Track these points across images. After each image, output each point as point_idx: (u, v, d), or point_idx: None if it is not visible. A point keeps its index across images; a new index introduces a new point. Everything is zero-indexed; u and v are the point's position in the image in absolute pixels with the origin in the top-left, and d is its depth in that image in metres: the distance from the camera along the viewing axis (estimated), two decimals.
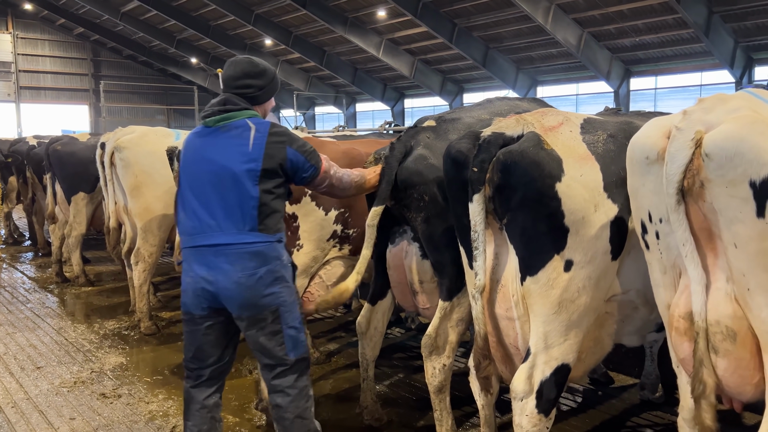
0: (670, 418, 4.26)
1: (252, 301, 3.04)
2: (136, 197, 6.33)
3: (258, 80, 3.20)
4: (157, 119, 37.62)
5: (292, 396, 3.15)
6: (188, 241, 3.13)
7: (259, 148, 3.03)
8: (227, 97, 3.15)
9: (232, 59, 3.27)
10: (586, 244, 2.70)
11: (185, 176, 3.16)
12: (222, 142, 3.07)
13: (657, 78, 23.54)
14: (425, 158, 3.41)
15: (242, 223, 3.01)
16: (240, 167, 3.01)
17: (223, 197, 3.02)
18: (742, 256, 2.13)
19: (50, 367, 5.39)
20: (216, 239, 3.03)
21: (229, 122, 3.10)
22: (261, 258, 3.04)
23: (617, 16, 20.41)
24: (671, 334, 2.43)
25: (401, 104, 32.11)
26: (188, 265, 3.14)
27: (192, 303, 3.15)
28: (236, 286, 3.02)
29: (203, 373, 3.23)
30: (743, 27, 19.25)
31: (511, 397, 2.83)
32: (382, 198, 3.43)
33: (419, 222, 3.46)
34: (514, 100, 3.94)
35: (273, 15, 26.87)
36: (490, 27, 23.30)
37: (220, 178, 3.03)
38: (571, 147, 2.76)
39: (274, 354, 3.12)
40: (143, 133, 6.54)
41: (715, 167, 2.11)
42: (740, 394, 2.32)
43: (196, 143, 3.17)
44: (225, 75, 3.22)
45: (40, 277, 8.99)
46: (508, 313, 2.89)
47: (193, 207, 3.09)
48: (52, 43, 36.48)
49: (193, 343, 3.21)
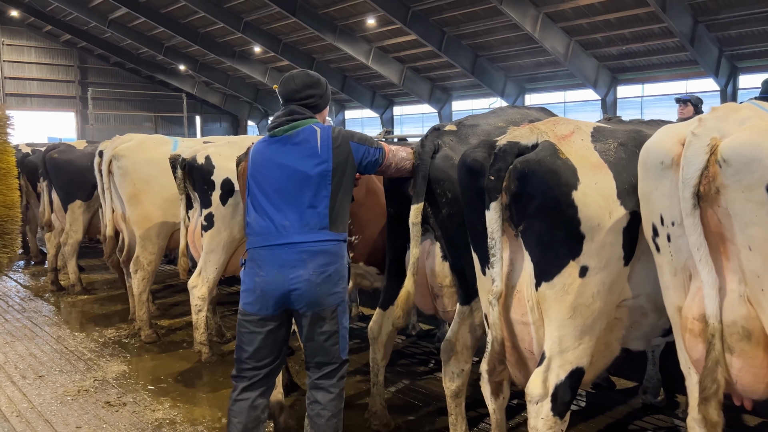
0: (672, 421, 4.34)
1: (319, 299, 3.17)
2: (135, 205, 6.33)
3: (317, 89, 3.43)
4: (145, 126, 37.41)
5: (333, 395, 3.30)
6: (259, 241, 3.24)
7: (326, 149, 3.24)
8: (291, 108, 3.36)
9: (289, 74, 3.46)
10: (601, 250, 2.77)
11: (256, 181, 3.32)
12: (293, 148, 3.27)
13: (643, 86, 23.86)
14: (450, 158, 3.51)
15: (315, 222, 3.20)
16: (313, 169, 3.20)
17: (297, 198, 3.20)
18: (756, 258, 2.21)
19: (52, 375, 5.36)
20: (290, 238, 3.18)
21: (296, 130, 3.29)
22: (331, 256, 3.21)
23: (604, 25, 20.70)
24: (685, 336, 2.49)
25: (390, 111, 32.24)
26: (256, 265, 3.24)
27: (258, 303, 3.23)
28: (307, 284, 3.16)
29: (259, 373, 3.30)
30: (727, 36, 19.61)
31: (527, 400, 2.88)
32: (421, 194, 3.51)
33: (441, 218, 3.54)
34: (523, 108, 4.08)
35: (262, 23, 26.91)
36: (479, 35, 23.50)
37: (294, 181, 3.21)
38: (584, 156, 2.82)
39: (328, 352, 3.25)
40: (141, 141, 6.54)
41: (733, 172, 2.20)
42: (752, 392, 2.40)
43: (266, 151, 3.34)
44: (286, 89, 3.41)
45: (34, 286, 8.92)
46: (523, 318, 2.94)
47: (266, 209, 3.24)
48: (38, 50, 36.19)
49: (252, 343, 3.27)
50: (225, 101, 39.18)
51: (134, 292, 6.42)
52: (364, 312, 6.97)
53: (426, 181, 3.49)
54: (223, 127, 41.77)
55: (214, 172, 5.27)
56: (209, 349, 5.62)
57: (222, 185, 5.29)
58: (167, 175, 6.04)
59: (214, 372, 5.41)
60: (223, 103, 39.37)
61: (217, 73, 35.20)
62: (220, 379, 5.23)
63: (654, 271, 2.92)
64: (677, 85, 22.97)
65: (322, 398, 3.29)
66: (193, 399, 4.87)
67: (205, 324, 5.56)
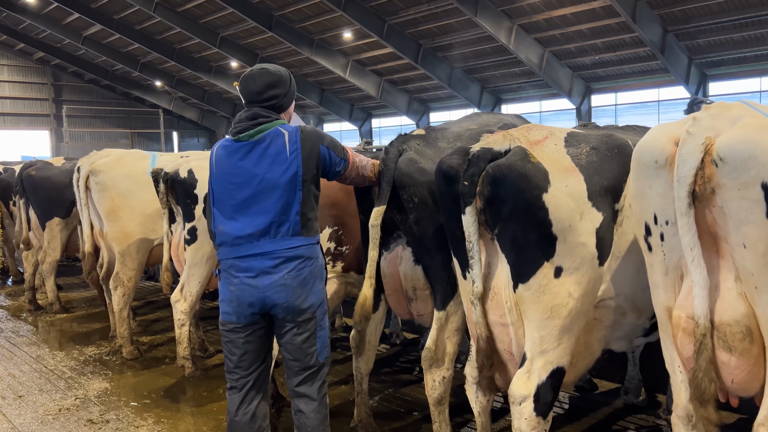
0: (654, 420, 4.41)
1: (296, 302, 3.15)
2: (113, 221, 6.26)
3: (280, 89, 3.28)
4: (122, 143, 37.06)
5: (317, 402, 3.26)
6: (231, 252, 3.19)
7: (295, 153, 3.14)
8: (255, 111, 3.22)
9: (249, 73, 3.30)
10: (573, 251, 2.83)
11: (222, 190, 3.22)
12: (260, 154, 3.15)
13: (617, 94, 24.33)
14: (415, 162, 3.54)
15: (286, 229, 3.14)
16: (283, 176, 3.12)
17: (267, 207, 3.13)
18: (751, 256, 2.23)
19: (32, 395, 5.28)
20: (262, 248, 3.13)
21: (262, 134, 3.17)
22: (305, 260, 3.17)
23: (577, 36, 21.09)
24: (677, 335, 2.51)
25: (369, 124, 32.39)
26: (230, 275, 3.21)
27: (236, 312, 3.21)
28: (283, 288, 3.13)
29: (249, 380, 3.28)
30: (696, 45, 20.10)
31: (510, 402, 2.93)
32: (384, 198, 3.52)
33: (410, 224, 3.56)
34: (498, 114, 4.13)
35: (238, 38, 26.93)
36: (455, 47, 23.78)
37: (263, 189, 3.12)
38: (556, 159, 2.90)
39: (306, 355, 3.22)
40: (119, 156, 6.50)
41: (729, 170, 2.21)
42: (746, 390, 2.42)
43: (232, 158, 3.21)
44: (247, 90, 3.26)
45: (11, 305, 8.78)
46: (502, 319, 3.00)
47: (235, 218, 3.17)
48: (11, 68, 35.77)
49: (236, 352, 3.26)
50: (202, 116, 39.03)
51: (114, 309, 6.35)
52: (348, 323, 6.98)
53: (390, 186, 3.51)
54: (201, 142, 41.58)
55: (197, 186, 5.27)
56: (193, 363, 5.58)
57: (205, 199, 5.27)
58: (146, 191, 6.01)
59: (197, 387, 5.37)
60: (201, 119, 39.22)
61: (194, 88, 35.08)
62: (204, 394, 5.20)
63: (632, 272, 3.00)
64: (650, 93, 23.47)
65: (305, 407, 3.26)
66: (178, 414, 4.83)
67: (188, 339, 5.52)
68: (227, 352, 3.30)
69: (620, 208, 2.97)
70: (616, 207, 2.96)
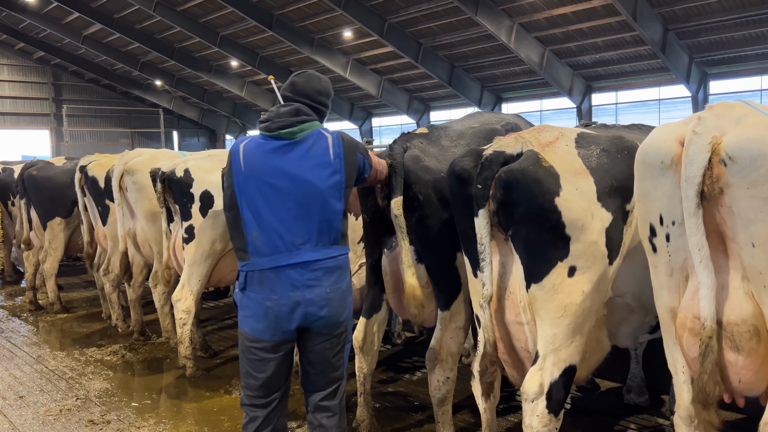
0: (657, 420, 4.40)
1: (336, 316, 3.01)
2: (153, 221, 6.12)
3: (328, 99, 3.21)
4: (121, 143, 37.08)
5: (337, 415, 3.15)
6: (267, 263, 2.93)
7: (339, 158, 2.99)
8: (298, 107, 3.02)
9: (313, 73, 3.19)
10: (586, 250, 2.85)
11: (255, 191, 2.94)
12: (301, 155, 2.95)
13: (617, 93, 24.30)
14: (419, 160, 3.53)
15: (328, 237, 2.97)
16: (326, 181, 2.94)
17: (310, 213, 2.92)
18: (760, 255, 2.21)
19: (33, 396, 5.27)
20: (302, 257, 2.92)
21: (304, 134, 2.98)
22: (343, 271, 3.05)
23: (577, 34, 21.07)
24: (683, 335, 2.49)
25: (369, 123, 32.36)
26: (266, 288, 2.94)
27: (273, 329, 2.95)
28: (327, 302, 2.96)
29: (274, 399, 3.06)
30: (697, 43, 20.07)
31: (522, 399, 2.94)
32: (399, 189, 3.47)
33: (413, 222, 3.54)
34: (499, 114, 4.14)
35: (239, 37, 26.90)
36: (455, 46, 23.76)
37: (306, 194, 2.92)
38: (567, 161, 2.91)
39: (334, 368, 3.09)
40: (153, 155, 6.42)
41: (739, 169, 2.19)
42: (753, 390, 2.41)
43: (268, 157, 2.96)
44: (308, 85, 3.10)
45: (11, 306, 8.76)
46: (517, 318, 3.02)
47: (273, 225, 2.92)
48: (11, 67, 35.74)
49: (266, 370, 3.00)
50: (202, 116, 39.01)
51: (156, 306, 6.33)
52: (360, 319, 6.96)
53: (403, 176, 3.48)
54: (201, 141, 41.56)
55: (194, 185, 5.27)
56: (194, 363, 5.57)
57: (201, 197, 5.29)
58: None
59: (199, 387, 5.35)
60: (201, 118, 39.20)
61: (194, 87, 35.07)
62: (206, 394, 5.19)
63: (638, 271, 2.99)
64: (650, 91, 23.44)
65: (327, 422, 3.10)
66: (179, 415, 4.82)
67: (190, 338, 5.51)
68: (253, 370, 3.02)
69: (631, 209, 2.96)
70: (627, 207, 2.96)
